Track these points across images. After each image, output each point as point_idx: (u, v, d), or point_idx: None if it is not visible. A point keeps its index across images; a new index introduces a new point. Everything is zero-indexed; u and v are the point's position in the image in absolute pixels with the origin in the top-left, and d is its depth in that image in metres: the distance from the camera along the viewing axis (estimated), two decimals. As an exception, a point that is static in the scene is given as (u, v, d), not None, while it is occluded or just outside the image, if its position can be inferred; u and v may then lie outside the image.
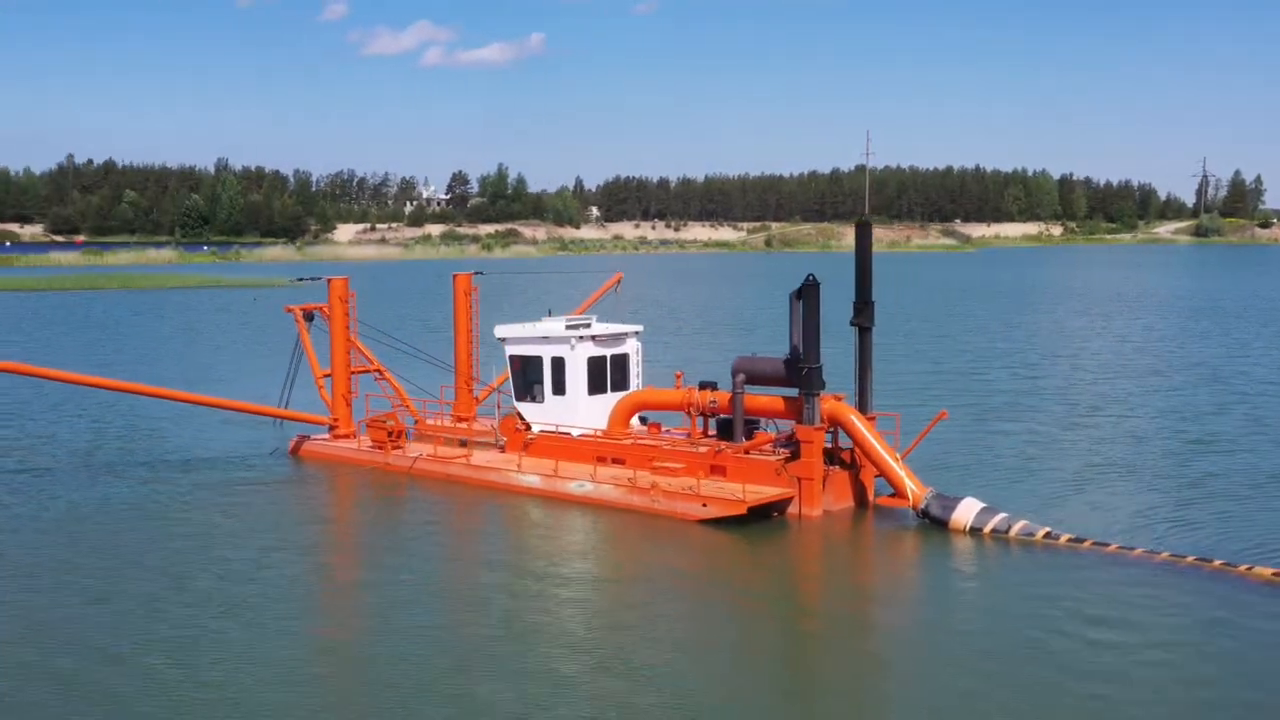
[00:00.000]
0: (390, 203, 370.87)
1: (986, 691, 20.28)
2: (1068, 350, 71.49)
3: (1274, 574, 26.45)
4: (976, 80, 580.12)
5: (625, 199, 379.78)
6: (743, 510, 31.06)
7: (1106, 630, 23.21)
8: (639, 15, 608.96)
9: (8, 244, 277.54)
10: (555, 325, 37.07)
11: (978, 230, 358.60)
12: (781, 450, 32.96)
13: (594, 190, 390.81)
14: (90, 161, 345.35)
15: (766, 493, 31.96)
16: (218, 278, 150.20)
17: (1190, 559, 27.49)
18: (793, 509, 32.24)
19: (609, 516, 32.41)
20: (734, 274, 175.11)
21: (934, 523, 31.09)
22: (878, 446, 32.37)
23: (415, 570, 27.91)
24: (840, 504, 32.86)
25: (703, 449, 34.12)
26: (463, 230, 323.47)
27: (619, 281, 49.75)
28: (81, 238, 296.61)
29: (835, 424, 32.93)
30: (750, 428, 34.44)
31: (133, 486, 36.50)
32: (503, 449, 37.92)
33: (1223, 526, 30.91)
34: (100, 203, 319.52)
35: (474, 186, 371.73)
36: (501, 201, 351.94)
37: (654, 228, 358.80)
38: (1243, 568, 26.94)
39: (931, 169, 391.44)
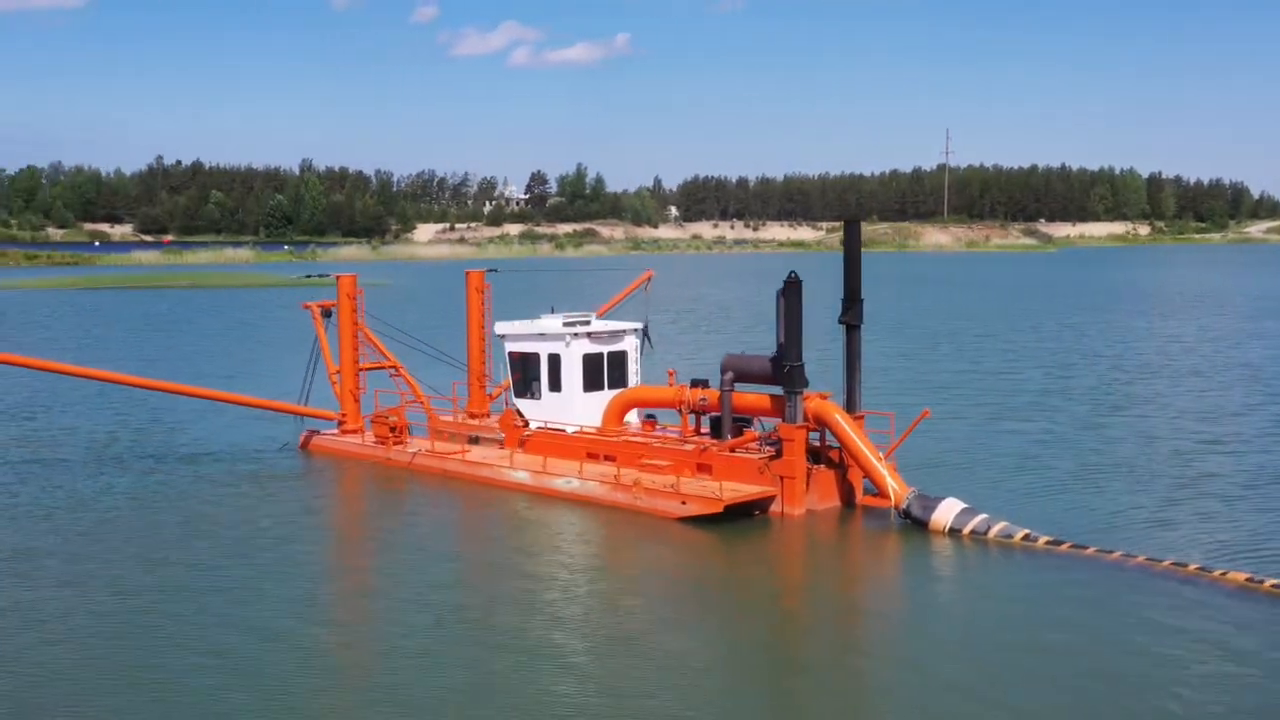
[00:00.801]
0: (470, 203, 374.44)
1: (947, 699, 20.04)
2: (1111, 350, 70.18)
3: (1247, 579, 25.80)
4: (1063, 77, 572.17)
5: (704, 199, 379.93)
6: (719, 509, 30.97)
7: (1067, 634, 22.78)
8: (724, 13, 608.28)
9: (96, 243, 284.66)
10: (552, 322, 37.25)
11: (1062, 230, 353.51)
12: (767, 448, 32.82)
13: (673, 190, 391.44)
14: (179, 163, 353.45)
15: (745, 491, 31.83)
16: (279, 277, 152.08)
17: (1167, 562, 26.89)
18: (775, 508, 32.08)
19: (591, 513, 32.48)
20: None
21: (915, 523, 30.75)
22: (861, 445, 32.07)
23: (371, 560, 28.29)
24: (826, 503, 32.60)
25: (689, 447, 34.09)
26: (540, 230, 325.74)
27: (649, 280, 49.88)
28: (169, 237, 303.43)
29: (820, 423, 32.69)
30: (743, 426, 34.31)
31: (136, 477, 37.31)
32: (502, 445, 38.21)
33: (1211, 529, 30.18)
34: (188, 203, 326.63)
35: (552, 186, 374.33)
36: (579, 201, 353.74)
37: (732, 227, 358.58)
38: (1217, 573, 26.31)
39: (1016, 168, 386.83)
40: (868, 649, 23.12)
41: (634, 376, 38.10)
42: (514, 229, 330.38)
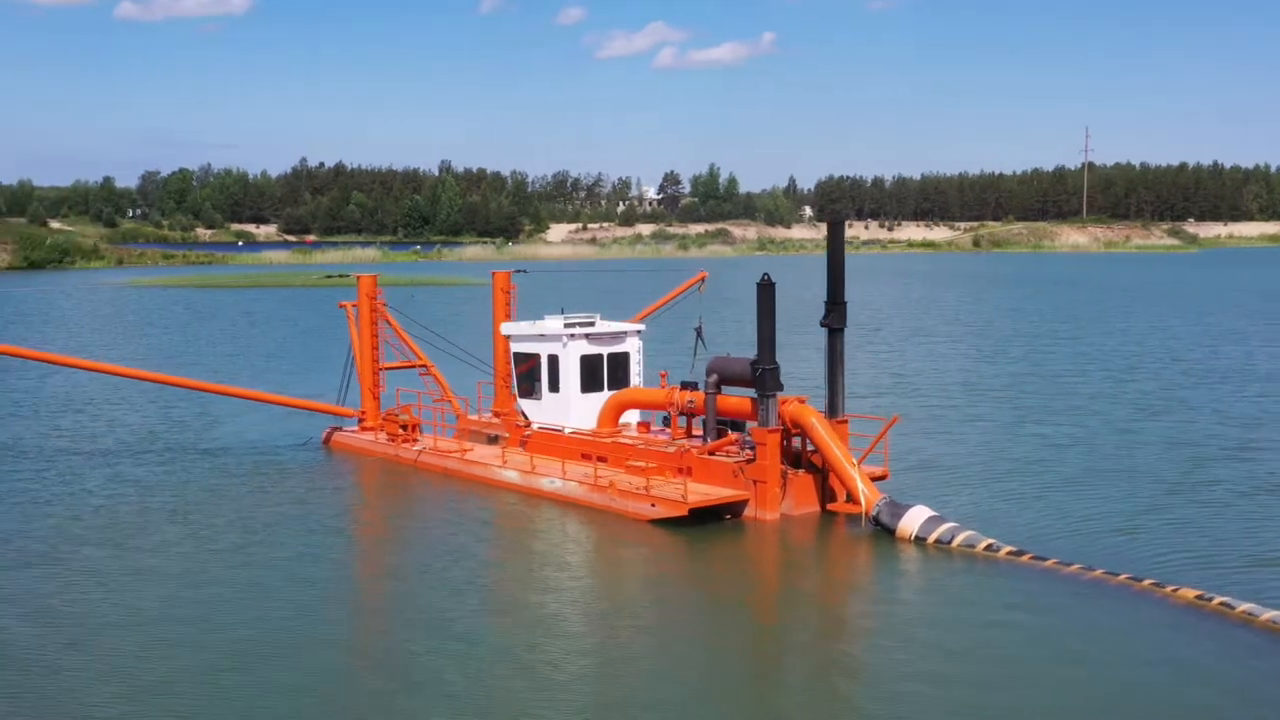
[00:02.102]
0: (603, 203, 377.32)
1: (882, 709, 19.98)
2: (1189, 354, 67.76)
3: (1196, 597, 24.98)
4: (1216, 73, 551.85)
5: (838, 199, 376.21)
6: (684, 512, 30.98)
7: (1007, 646, 22.54)
8: (873, 10, 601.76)
9: (240, 243, 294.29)
10: (553, 323, 37.63)
11: (1212, 230, 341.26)
12: (746, 452, 32.70)
13: (808, 190, 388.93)
14: (322, 164, 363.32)
15: (715, 494, 31.79)
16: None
17: (1123, 576, 26.16)
18: (749, 512, 31.96)
19: (568, 512, 32.81)
20: (897, 274, 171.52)
21: (884, 530, 30.39)
22: (835, 450, 31.73)
23: (327, 548, 29.17)
24: (803, 508, 32.31)
25: (672, 449, 34.15)
26: (672, 230, 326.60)
27: (702, 281, 50.15)
28: (311, 237, 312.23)
29: (797, 426, 32.45)
30: (735, 428, 34.20)
31: (150, 468, 38.84)
32: (505, 444, 38.74)
33: (1185, 540, 29.33)
34: (330, 204, 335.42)
35: (686, 187, 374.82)
36: (712, 201, 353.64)
37: (866, 227, 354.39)
38: (1169, 588, 25.52)
39: (1165, 165, 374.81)
40: (800, 655, 23.01)
41: (637, 378, 38.24)
42: (646, 229, 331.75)
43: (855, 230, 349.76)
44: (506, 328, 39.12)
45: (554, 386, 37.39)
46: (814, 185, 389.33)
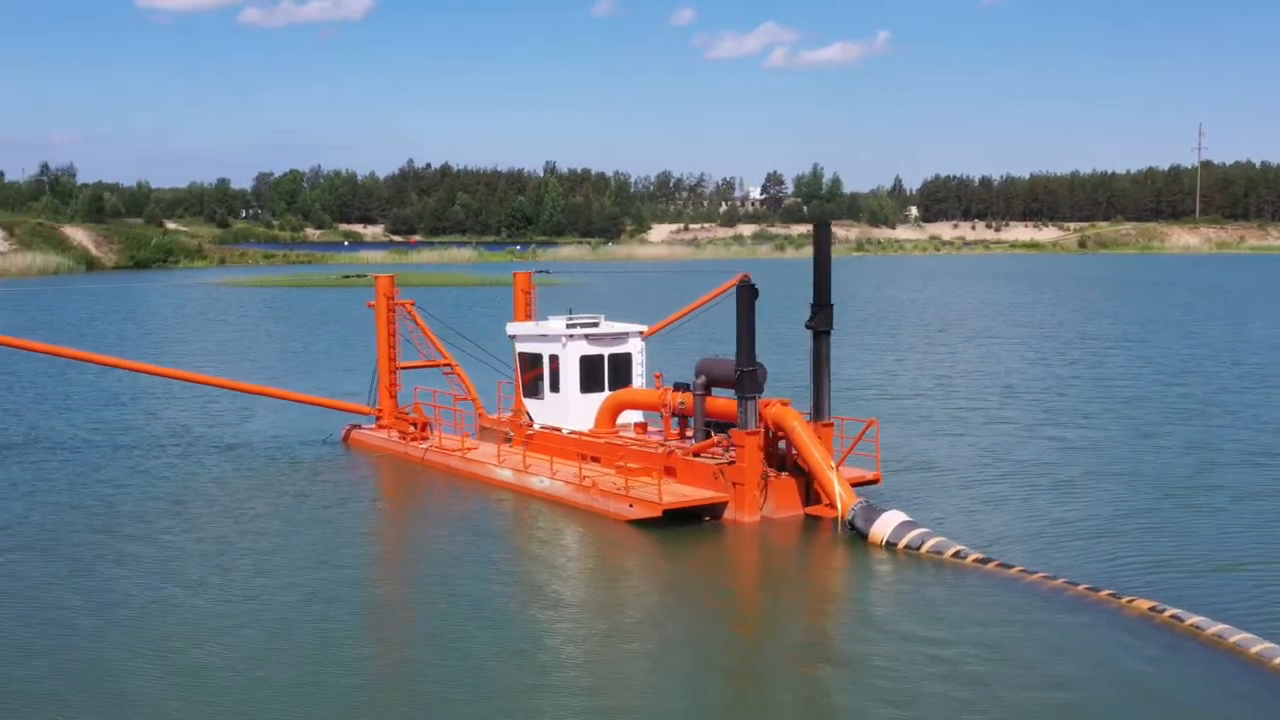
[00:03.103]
0: (706, 204, 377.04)
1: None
2: (1251, 357, 65.82)
3: (1150, 609, 24.44)
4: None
5: (944, 199, 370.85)
6: (658, 513, 31.06)
7: (947, 651, 22.35)
8: (986, 7, 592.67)
9: (346, 243, 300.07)
10: (556, 324, 37.99)
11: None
12: (730, 454, 32.65)
13: (913, 190, 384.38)
14: (429, 165, 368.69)
15: (691, 496, 31.84)
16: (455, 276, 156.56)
17: (1082, 587, 25.68)
18: (728, 514, 31.93)
19: (554, 511, 33.09)
20: (991, 275, 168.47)
21: (858, 535, 30.16)
22: (814, 453, 31.55)
23: (299, 538, 29.92)
24: (785, 511, 32.13)
25: (659, 450, 34.26)
26: (774, 230, 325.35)
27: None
28: (416, 237, 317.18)
29: (778, 429, 32.34)
30: (723, 429, 34.17)
31: (168, 462, 39.99)
32: (510, 443, 39.18)
33: (1162, 547, 28.76)
34: (435, 204, 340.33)
35: (789, 187, 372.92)
36: (815, 202, 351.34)
37: (973, 228, 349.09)
38: (1125, 599, 25.00)
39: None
40: (740, 659, 23.03)
41: (639, 379, 38.40)
42: (747, 230, 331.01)
43: (961, 230, 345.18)
44: (512, 328, 39.60)
45: (555, 386, 37.74)
46: (920, 185, 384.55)
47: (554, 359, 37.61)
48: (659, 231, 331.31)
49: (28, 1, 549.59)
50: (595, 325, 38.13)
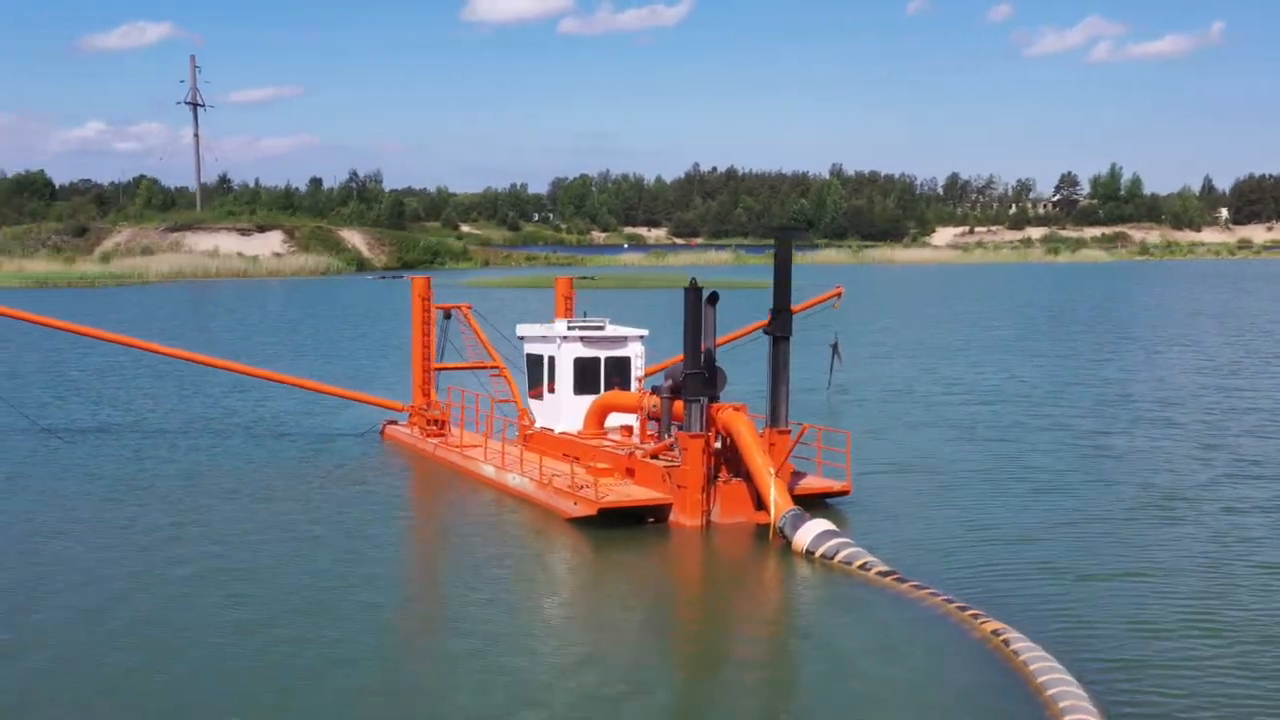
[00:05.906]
0: (995, 206, 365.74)
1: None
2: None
3: (992, 631, 23.24)
4: None
5: (1259, 200, 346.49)
6: (594, 512, 31.29)
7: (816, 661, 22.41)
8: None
9: (626, 245, 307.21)
10: (557, 326, 38.67)
11: None
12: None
13: (1224, 191, 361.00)
14: (714, 169, 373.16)
15: (634, 496, 32.01)
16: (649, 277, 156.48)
17: (971, 611, 24.54)
18: (672, 517, 31.85)
19: (515, 506, 34.03)
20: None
21: (787, 542, 29.62)
22: (758, 460, 31.11)
23: (279, 528, 31.50)
24: (734, 517, 31.77)
25: (623, 452, 34.45)
26: (1064, 233, 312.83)
27: (838, 296, 50.25)
28: (698, 239, 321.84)
29: (727, 433, 31.99)
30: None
31: (204, 451, 42.33)
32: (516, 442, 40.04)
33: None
34: (718, 207, 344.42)
35: (1084, 188, 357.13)
36: (1111, 203, 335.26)
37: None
38: (981, 621, 23.84)
39: None
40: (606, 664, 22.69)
41: (638, 383, 38.58)
42: (1036, 233, 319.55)
43: (1275, 233, 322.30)
44: (521, 329, 40.43)
45: (551, 387, 38.44)
46: (1231, 185, 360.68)
47: (551, 360, 38.29)
48: (943, 234, 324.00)
49: (367, 17, 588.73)
50: (600, 328, 38.51)
